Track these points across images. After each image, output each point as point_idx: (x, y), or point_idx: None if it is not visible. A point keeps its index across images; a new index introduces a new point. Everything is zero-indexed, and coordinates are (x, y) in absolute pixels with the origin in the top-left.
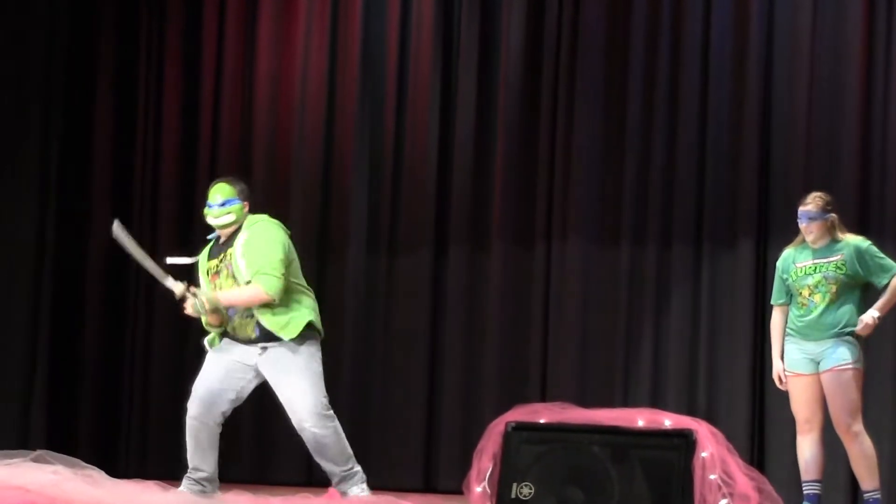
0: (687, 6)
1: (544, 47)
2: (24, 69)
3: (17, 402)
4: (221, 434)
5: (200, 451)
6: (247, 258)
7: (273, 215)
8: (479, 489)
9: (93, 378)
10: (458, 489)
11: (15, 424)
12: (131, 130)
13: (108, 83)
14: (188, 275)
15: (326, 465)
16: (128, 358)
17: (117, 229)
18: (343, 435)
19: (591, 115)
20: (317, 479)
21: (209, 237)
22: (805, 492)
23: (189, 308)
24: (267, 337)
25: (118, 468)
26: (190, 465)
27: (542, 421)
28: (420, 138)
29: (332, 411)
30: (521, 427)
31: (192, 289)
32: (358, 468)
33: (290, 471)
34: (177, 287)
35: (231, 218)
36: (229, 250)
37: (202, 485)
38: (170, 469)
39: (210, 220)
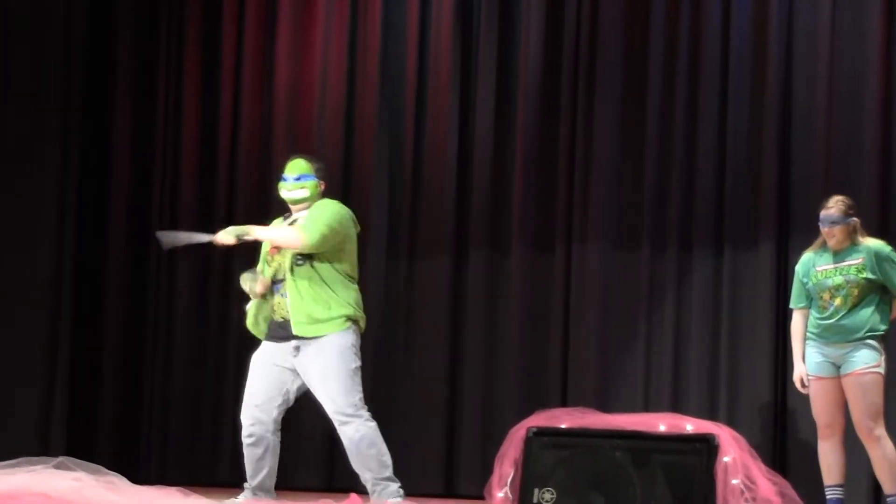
0: (706, 8)
1: (563, 51)
2: (43, 75)
3: (36, 409)
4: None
5: (255, 459)
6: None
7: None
8: (500, 494)
9: (113, 384)
10: (479, 494)
11: (35, 431)
12: (150, 136)
13: (127, 88)
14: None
15: (361, 472)
16: (148, 364)
17: (163, 238)
18: (381, 441)
19: (610, 119)
20: (337, 485)
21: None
22: (827, 496)
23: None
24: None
25: (138, 475)
26: (248, 475)
27: (563, 426)
28: (439, 143)
29: (366, 412)
30: (542, 432)
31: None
32: (394, 482)
33: (310, 476)
34: (209, 237)
35: (304, 193)
36: (292, 226)
37: (256, 493)
38: (190, 475)
39: (283, 194)
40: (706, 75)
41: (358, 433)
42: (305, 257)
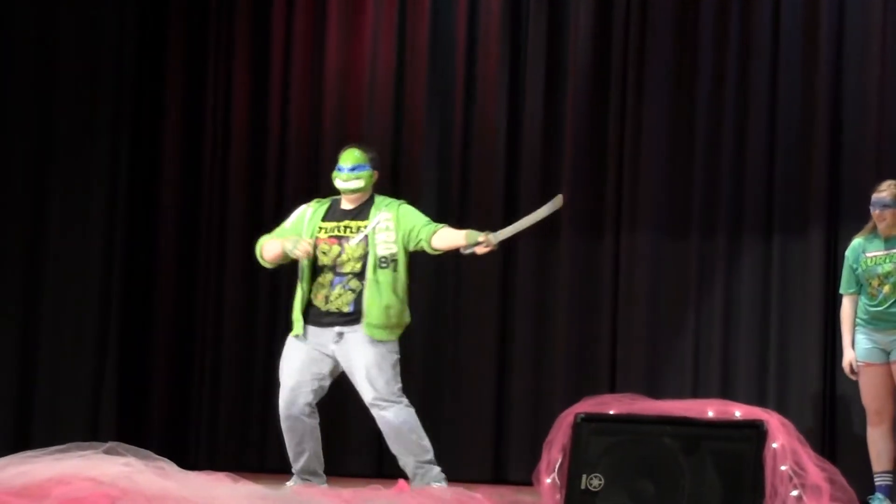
0: None
1: (613, 36)
2: (95, 63)
3: (87, 395)
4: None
5: (294, 443)
6: (402, 227)
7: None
8: (548, 480)
9: (163, 371)
10: (527, 480)
11: (85, 417)
12: (200, 125)
13: (178, 78)
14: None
15: (402, 456)
16: (198, 350)
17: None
18: (420, 425)
19: (660, 104)
20: (387, 471)
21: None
22: (877, 483)
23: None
24: (351, 319)
25: (188, 460)
26: (291, 460)
27: (611, 412)
28: (489, 129)
29: (405, 398)
30: (590, 418)
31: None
32: (436, 466)
33: (359, 463)
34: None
35: (360, 184)
36: (361, 223)
37: (304, 478)
38: (239, 461)
39: (338, 184)
40: (757, 60)
41: (399, 418)
42: (391, 260)
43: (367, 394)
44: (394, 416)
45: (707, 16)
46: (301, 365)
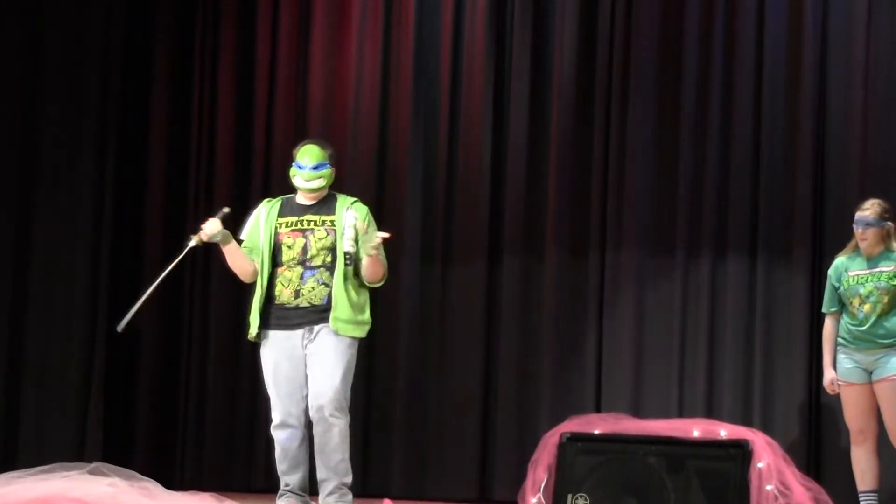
0: (740, 13)
1: (597, 55)
2: (81, 77)
3: (73, 415)
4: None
5: (291, 456)
6: (366, 236)
7: None
8: (534, 500)
9: (148, 390)
10: (513, 499)
11: (71, 437)
12: (185, 138)
13: (163, 96)
14: None
15: (325, 471)
16: (184, 371)
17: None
18: (349, 442)
19: (644, 124)
20: (371, 490)
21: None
22: (861, 502)
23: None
24: (323, 313)
25: (173, 480)
26: (282, 476)
27: (596, 432)
28: (473, 146)
29: (348, 411)
30: (576, 438)
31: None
32: (351, 493)
33: None
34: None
35: (322, 183)
36: (327, 217)
37: (299, 494)
38: (225, 482)
39: (299, 182)
40: (741, 78)
41: (342, 434)
42: (354, 259)
43: (325, 393)
44: (339, 432)
45: (691, 35)
46: (287, 372)
